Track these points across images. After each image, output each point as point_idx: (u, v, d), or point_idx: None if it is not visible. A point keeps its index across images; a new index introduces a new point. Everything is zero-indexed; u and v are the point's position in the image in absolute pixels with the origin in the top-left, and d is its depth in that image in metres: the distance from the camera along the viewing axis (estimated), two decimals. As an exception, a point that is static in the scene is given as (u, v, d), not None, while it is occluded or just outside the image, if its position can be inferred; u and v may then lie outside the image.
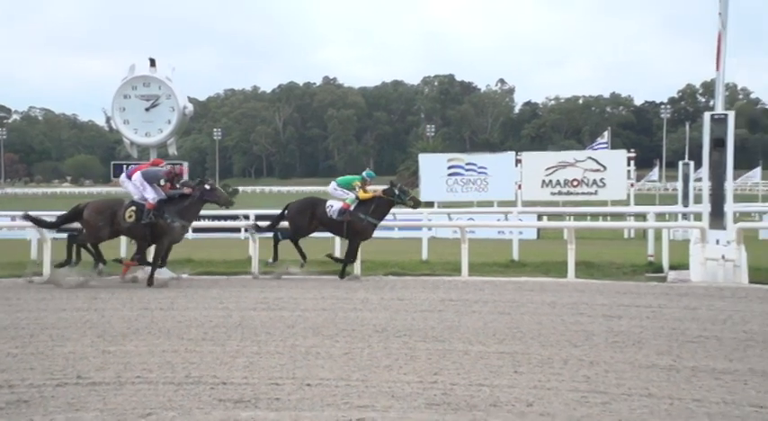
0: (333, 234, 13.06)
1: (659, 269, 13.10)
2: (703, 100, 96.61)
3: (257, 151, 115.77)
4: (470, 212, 20.91)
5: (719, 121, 12.19)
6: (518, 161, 22.30)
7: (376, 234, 20.26)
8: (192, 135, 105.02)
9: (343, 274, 12.32)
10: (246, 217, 21.36)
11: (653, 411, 4.65)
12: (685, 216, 19.03)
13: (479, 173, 22.25)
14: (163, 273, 11.97)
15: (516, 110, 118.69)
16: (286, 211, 12.86)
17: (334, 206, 12.53)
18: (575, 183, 22.01)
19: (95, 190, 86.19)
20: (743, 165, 28.33)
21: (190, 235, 23.32)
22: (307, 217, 12.64)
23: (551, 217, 21.66)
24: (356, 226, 12.39)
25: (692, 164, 26.15)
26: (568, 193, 22.22)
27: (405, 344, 6.73)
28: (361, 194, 12.53)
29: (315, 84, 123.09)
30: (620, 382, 5.34)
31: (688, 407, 4.72)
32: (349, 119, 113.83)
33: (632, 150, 24.32)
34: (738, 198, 15.13)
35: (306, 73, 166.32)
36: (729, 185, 12.38)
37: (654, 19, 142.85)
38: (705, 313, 8.47)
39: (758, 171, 45.59)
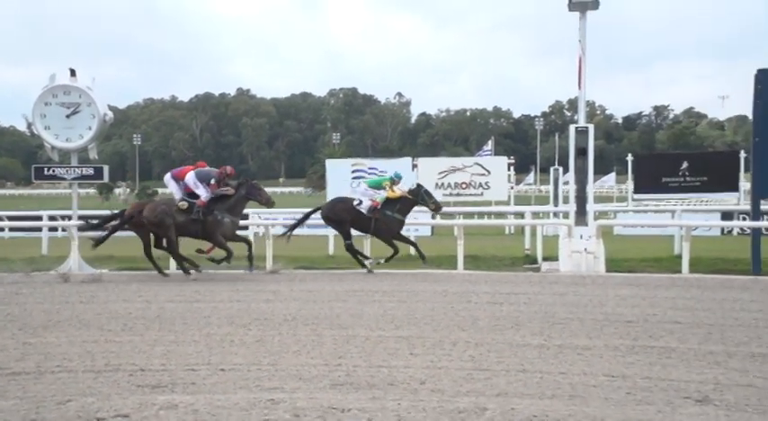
0: (359, 230, 12.51)
1: (534, 261, 13.42)
2: (569, 114, 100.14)
3: (175, 156, 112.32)
4: (372, 212, 20.96)
5: (582, 133, 12.70)
6: (414, 166, 22.54)
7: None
8: (113, 140, 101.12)
9: (392, 256, 12.16)
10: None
11: (526, 384, 4.82)
12: (556, 214, 19.72)
13: (380, 176, 22.36)
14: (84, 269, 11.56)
15: (412, 120, 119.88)
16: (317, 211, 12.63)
17: (363, 202, 12.21)
18: (464, 185, 22.47)
19: (17, 192, 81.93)
20: (600, 170, 29.59)
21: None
22: (344, 213, 12.32)
23: (443, 215, 22.00)
24: (384, 222, 12.14)
25: (561, 169, 27.08)
26: (458, 195, 22.65)
27: (312, 332, 6.72)
28: (390, 193, 12.25)
29: (229, 94, 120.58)
30: (500, 360, 5.49)
31: (555, 379, 4.91)
32: (261, 127, 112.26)
33: (512, 157, 25.03)
34: (597, 199, 15.80)
35: (221, 84, 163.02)
36: (590, 188, 12.89)
37: (528, 43, 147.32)
38: (571, 298, 8.76)
39: (612, 176, 47.84)
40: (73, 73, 13.14)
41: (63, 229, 17.25)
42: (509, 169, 23.40)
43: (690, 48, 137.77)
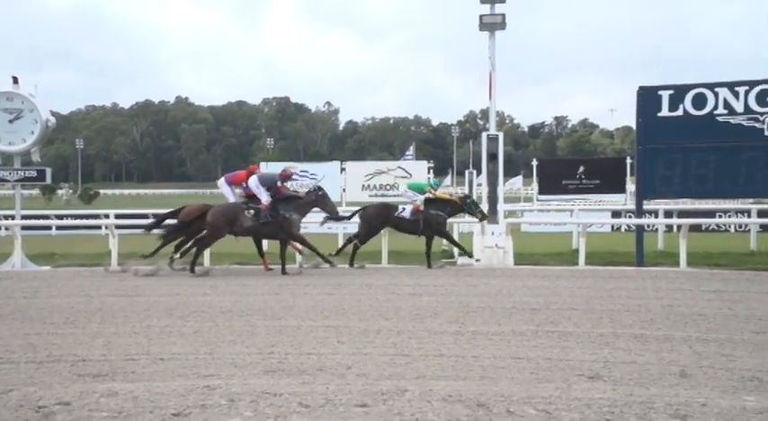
0: (407, 233, 12.23)
1: (451, 256, 13.59)
2: (482, 123, 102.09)
3: (117, 159, 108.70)
4: (303, 211, 20.80)
5: (493, 140, 12.98)
6: (343, 169, 22.51)
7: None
8: (56, 144, 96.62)
9: (465, 253, 12.15)
10: (107, 216, 20.02)
11: (443, 367, 4.89)
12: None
13: (311, 179, 22.20)
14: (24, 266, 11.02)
15: (341, 127, 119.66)
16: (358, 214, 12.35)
17: (406, 209, 12.03)
18: (388, 187, 22.59)
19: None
20: (509, 173, 30.36)
21: (54, 231, 21.62)
22: (381, 220, 12.05)
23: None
24: (432, 221, 11.89)
25: (474, 172, 27.61)
26: (383, 196, 22.71)
27: (247, 322, 6.62)
28: (439, 193, 12.17)
29: (169, 102, 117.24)
30: (419, 346, 5.53)
31: (468, 362, 4.99)
32: (199, 132, 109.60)
33: (431, 161, 25.30)
34: (507, 199, 16.22)
35: (160, 93, 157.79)
36: (500, 190, 13.19)
37: (445, 58, 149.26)
38: (483, 289, 8.90)
39: (519, 178, 49.12)
40: (15, 80, 12.82)
41: (6, 228, 16.41)
42: (428, 172, 23.68)
43: (584, 65, 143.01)
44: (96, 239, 17.58)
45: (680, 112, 11.95)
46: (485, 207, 12.75)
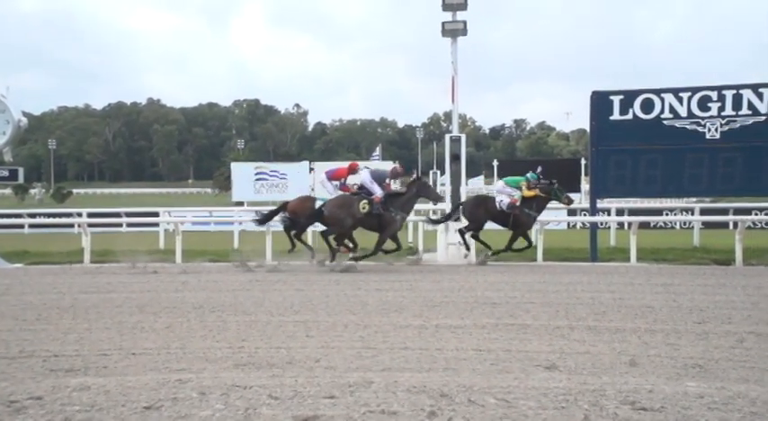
0: (499, 225, 12.18)
1: (416, 252, 13.69)
2: (445, 125, 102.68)
3: (90, 159, 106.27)
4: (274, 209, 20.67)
5: (456, 141, 13.05)
6: (311, 169, 22.40)
7: (194, 228, 19.46)
8: (28, 144, 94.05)
9: (525, 248, 11.83)
10: (79, 214, 19.59)
11: (408, 359, 4.91)
12: (434, 211, 20.18)
13: (281, 178, 22.11)
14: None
15: (309, 128, 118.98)
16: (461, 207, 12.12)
17: (504, 200, 11.82)
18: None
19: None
20: (471, 173, 30.66)
21: (26, 230, 21.06)
22: (482, 210, 11.91)
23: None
24: (521, 218, 11.75)
25: (438, 172, 27.82)
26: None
27: (218, 318, 6.55)
28: (526, 193, 11.81)
29: (141, 103, 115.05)
30: (385, 340, 5.54)
31: (432, 355, 5.02)
32: (171, 133, 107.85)
33: (397, 162, 25.36)
34: (470, 198, 16.39)
35: (132, 94, 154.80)
36: (463, 189, 13.25)
37: (410, 62, 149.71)
38: (447, 284, 8.94)
39: (481, 178, 49.52)
40: (-13, 82, 12.47)
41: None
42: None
43: (541, 71, 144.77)
44: (69, 237, 17.22)
45: (630, 116, 12.21)
46: (448, 205, 12.81)
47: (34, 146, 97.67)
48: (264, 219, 12.03)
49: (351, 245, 11.40)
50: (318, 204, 11.49)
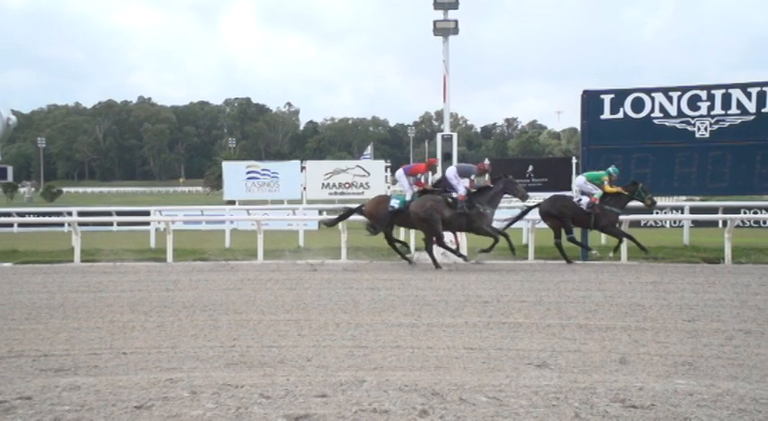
0: (579, 225, 11.76)
1: (408, 251, 13.68)
2: (437, 124, 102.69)
3: (80, 158, 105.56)
4: (265, 208, 20.65)
5: (447, 140, 13.11)
6: (303, 168, 22.37)
7: (185, 227, 19.38)
8: (17, 143, 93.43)
9: (616, 247, 11.53)
10: (69, 213, 19.46)
11: (399, 358, 4.92)
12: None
13: (272, 177, 22.07)
14: None
15: (301, 127, 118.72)
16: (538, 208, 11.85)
17: (583, 199, 11.52)
18: (347, 185, 22.55)
19: None
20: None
21: (15, 229, 20.90)
22: (559, 209, 11.63)
23: (329, 211, 21.98)
24: (606, 216, 11.40)
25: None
26: (342, 193, 22.65)
27: (209, 317, 6.53)
28: (608, 188, 11.44)
29: (131, 102, 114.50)
30: (377, 338, 5.55)
31: (423, 353, 5.03)
32: (162, 132, 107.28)
33: (388, 160, 25.37)
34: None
35: (123, 93, 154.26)
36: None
37: (401, 61, 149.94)
38: (438, 283, 8.96)
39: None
40: (-25, 81, 12.30)
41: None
42: (386, 171, 23.70)
43: (532, 70, 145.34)
44: (59, 236, 17.11)
45: (620, 115, 12.27)
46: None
47: (23, 144, 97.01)
48: (335, 222, 12.01)
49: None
50: (394, 202, 11.40)
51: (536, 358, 4.87)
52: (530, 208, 12.13)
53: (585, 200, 11.56)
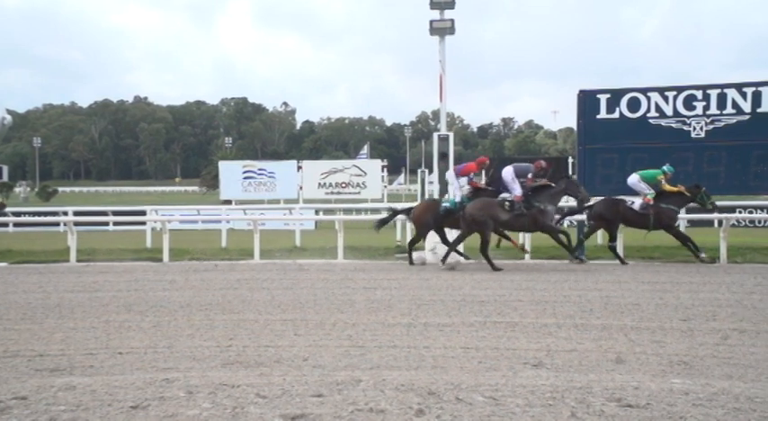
0: (637, 227, 11.46)
1: (404, 251, 13.65)
2: (433, 123, 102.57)
3: (75, 157, 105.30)
4: (261, 208, 20.67)
5: (444, 140, 13.08)
6: (299, 168, 22.32)
7: (182, 226, 19.33)
8: (13, 142, 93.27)
9: (701, 257, 11.00)
10: (65, 213, 19.41)
11: (396, 357, 4.92)
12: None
13: (269, 177, 22.06)
14: None
15: (297, 127, 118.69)
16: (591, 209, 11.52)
17: (636, 202, 11.26)
18: (343, 184, 22.53)
19: None
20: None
21: (11, 228, 20.82)
22: (614, 213, 11.41)
23: (326, 211, 22.01)
24: (664, 215, 11.10)
25: (426, 171, 27.77)
26: (339, 193, 22.64)
27: (205, 317, 6.53)
28: (667, 187, 11.10)
29: (127, 101, 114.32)
30: (374, 338, 5.55)
31: (420, 353, 5.03)
32: (158, 131, 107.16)
33: (385, 160, 25.34)
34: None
35: (119, 93, 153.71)
36: (451, 188, 13.26)
37: (398, 61, 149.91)
38: (434, 283, 8.95)
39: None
40: (-29, 80, 12.17)
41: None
42: (382, 171, 23.69)
43: (529, 70, 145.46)
44: (55, 236, 17.06)
45: (616, 115, 12.28)
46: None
47: (19, 144, 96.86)
48: (382, 223, 12.02)
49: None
50: (445, 205, 11.34)
51: (532, 357, 4.87)
52: (587, 206, 11.58)
53: (639, 201, 11.28)
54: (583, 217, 12.86)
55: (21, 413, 3.66)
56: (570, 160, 21.24)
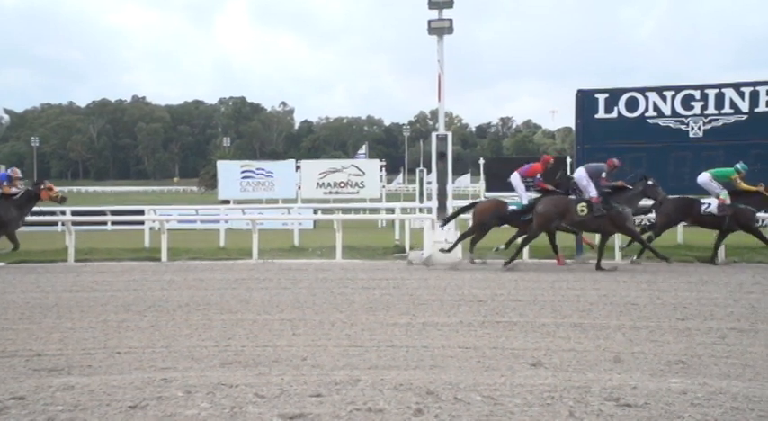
0: (710, 228, 11.26)
1: (403, 250, 13.53)
2: (432, 123, 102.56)
3: (73, 157, 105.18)
4: (260, 207, 20.64)
5: (442, 139, 13.04)
6: (298, 167, 22.30)
7: (180, 225, 19.29)
8: (11, 142, 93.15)
9: None
10: (63, 213, 19.38)
11: (394, 357, 4.92)
12: (421, 210, 20.19)
13: (267, 176, 22.04)
14: None
15: (296, 126, 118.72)
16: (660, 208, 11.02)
17: (711, 204, 10.87)
18: (341, 184, 22.52)
19: None
20: (457, 172, 30.64)
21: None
22: (683, 214, 11.28)
23: (324, 211, 21.99)
24: (743, 215, 10.72)
25: (425, 170, 27.75)
26: (337, 193, 22.63)
27: (204, 316, 6.52)
28: (743, 186, 10.70)
29: (125, 101, 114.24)
30: (372, 337, 5.55)
31: (418, 352, 5.03)
32: (156, 131, 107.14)
33: (383, 160, 25.32)
34: (455, 196, 16.42)
35: (117, 92, 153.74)
36: (450, 187, 13.27)
37: (396, 61, 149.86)
38: (433, 282, 8.94)
39: (467, 177, 49.44)
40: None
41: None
42: (381, 170, 23.67)
43: (527, 69, 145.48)
44: (53, 236, 17.02)
45: (614, 114, 12.29)
46: (434, 203, 12.76)
47: (17, 143, 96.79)
48: (448, 220, 11.88)
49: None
50: (512, 207, 11.24)
51: (531, 357, 4.88)
52: (653, 206, 11.10)
53: (714, 203, 10.90)
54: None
55: (18, 413, 3.65)
56: (569, 160, 21.26)
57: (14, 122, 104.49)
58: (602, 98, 12.36)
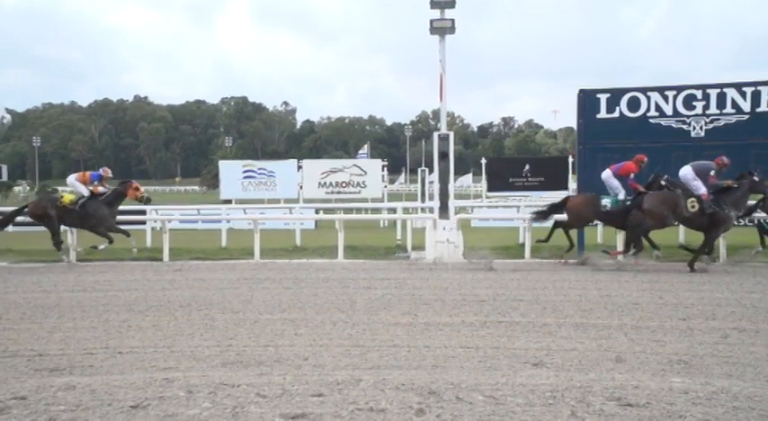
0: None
1: (405, 250, 13.58)
2: (433, 123, 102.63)
3: (75, 157, 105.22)
4: (262, 207, 20.66)
5: (444, 139, 13.06)
6: (299, 167, 22.31)
7: (182, 225, 19.29)
8: (12, 142, 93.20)
9: None
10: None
11: (396, 357, 4.92)
12: (422, 209, 20.18)
13: (269, 176, 22.08)
14: None
15: (298, 126, 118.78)
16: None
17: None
18: (343, 184, 22.53)
19: None
20: (459, 171, 30.61)
21: (10, 228, 20.80)
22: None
23: (326, 210, 22.01)
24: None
25: (427, 170, 27.76)
26: (339, 192, 22.63)
27: (205, 316, 6.53)
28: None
29: (127, 101, 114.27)
30: (374, 337, 5.55)
31: (420, 352, 5.04)
32: (158, 131, 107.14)
33: (385, 160, 25.34)
34: (457, 196, 16.42)
35: (118, 92, 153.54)
36: (451, 187, 13.28)
37: (397, 61, 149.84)
38: (435, 282, 8.95)
39: (469, 176, 49.40)
40: (-30, 79, 12.15)
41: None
42: (383, 170, 23.68)
43: (529, 69, 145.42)
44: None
45: (616, 114, 12.27)
46: (436, 203, 12.77)
47: (18, 143, 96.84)
48: (545, 215, 11.80)
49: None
50: (605, 202, 11.11)
51: (532, 357, 4.87)
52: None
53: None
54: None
55: (20, 413, 3.66)
56: (570, 159, 21.25)
57: (16, 122, 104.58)
58: (603, 98, 12.34)
